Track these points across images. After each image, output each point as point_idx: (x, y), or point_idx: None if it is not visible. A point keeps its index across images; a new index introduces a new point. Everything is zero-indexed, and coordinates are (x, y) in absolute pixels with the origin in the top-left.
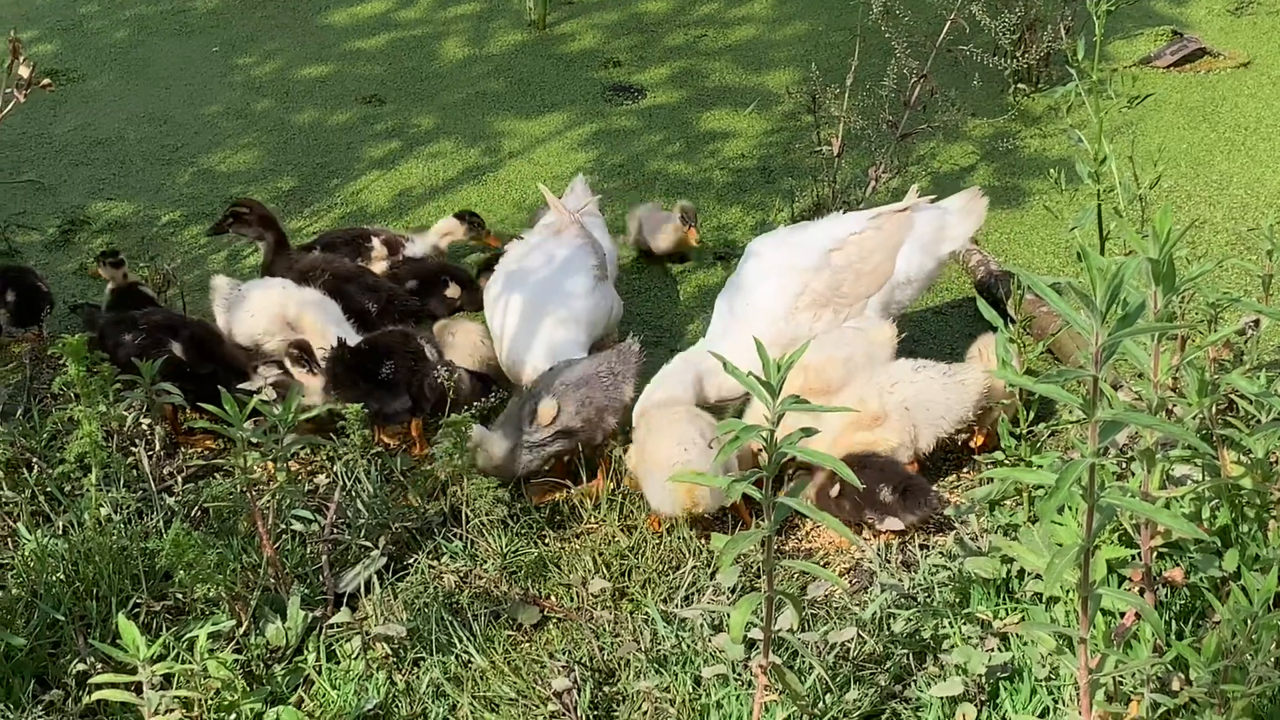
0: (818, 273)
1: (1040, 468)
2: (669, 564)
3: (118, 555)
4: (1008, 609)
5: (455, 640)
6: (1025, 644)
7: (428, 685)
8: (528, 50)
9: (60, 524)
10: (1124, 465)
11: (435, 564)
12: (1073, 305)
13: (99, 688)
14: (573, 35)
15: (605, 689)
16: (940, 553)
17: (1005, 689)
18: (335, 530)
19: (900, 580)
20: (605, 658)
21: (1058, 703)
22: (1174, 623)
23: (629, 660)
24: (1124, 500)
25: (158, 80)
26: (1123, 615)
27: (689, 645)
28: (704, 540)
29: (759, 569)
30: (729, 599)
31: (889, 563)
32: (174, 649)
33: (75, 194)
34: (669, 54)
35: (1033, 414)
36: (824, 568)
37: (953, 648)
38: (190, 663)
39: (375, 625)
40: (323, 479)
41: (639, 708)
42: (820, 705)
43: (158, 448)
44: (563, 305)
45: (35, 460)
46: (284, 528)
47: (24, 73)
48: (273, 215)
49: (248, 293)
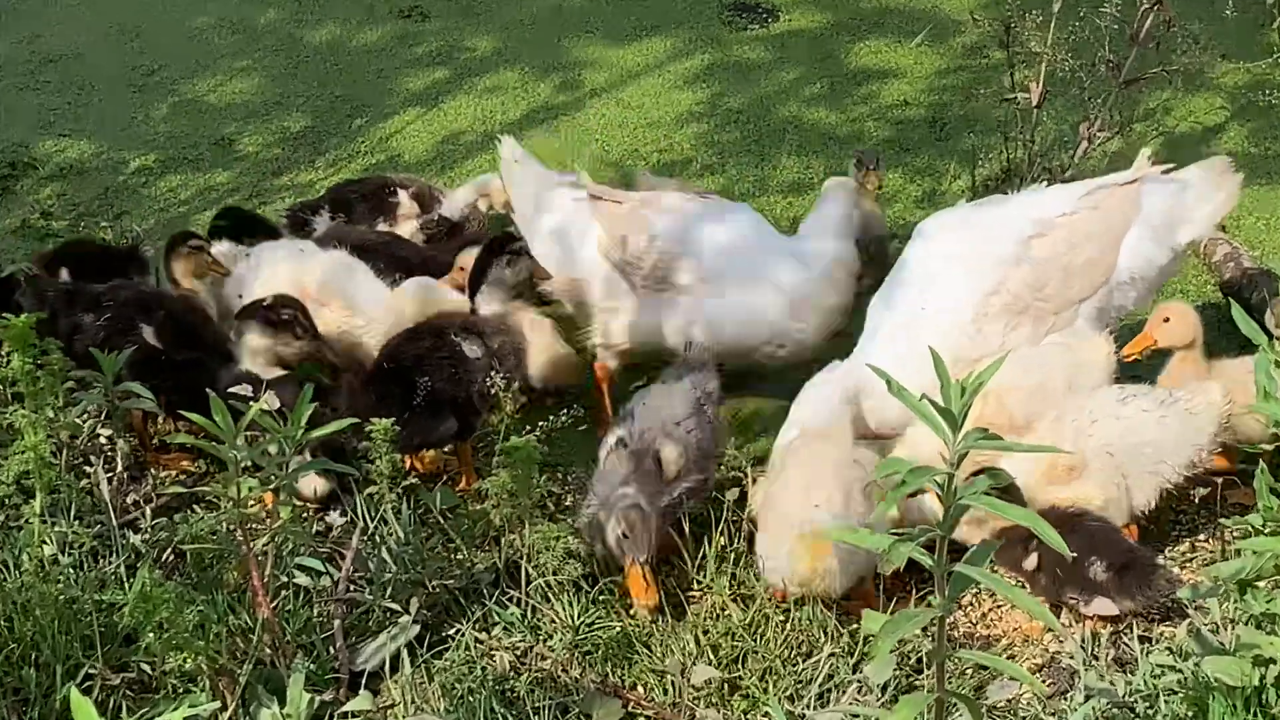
0: (1015, 267)
1: None
2: (797, 649)
3: (65, 609)
4: None
5: None
6: None
7: None
8: None
9: None
10: None
11: (484, 637)
12: None
13: None
14: None
15: None
16: (1167, 648)
17: None
18: (353, 587)
19: (1112, 683)
20: None
21: None
22: None
23: None
24: None
25: None
26: None
27: None
28: (846, 619)
29: (921, 660)
30: (880, 700)
31: (1096, 659)
32: None
33: (18, 128)
34: None
35: None
36: (1010, 661)
37: None
38: None
39: (404, 716)
40: (337, 517)
41: None
42: None
43: (121, 468)
44: None
45: None
46: (285, 580)
47: None
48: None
49: (257, 258)
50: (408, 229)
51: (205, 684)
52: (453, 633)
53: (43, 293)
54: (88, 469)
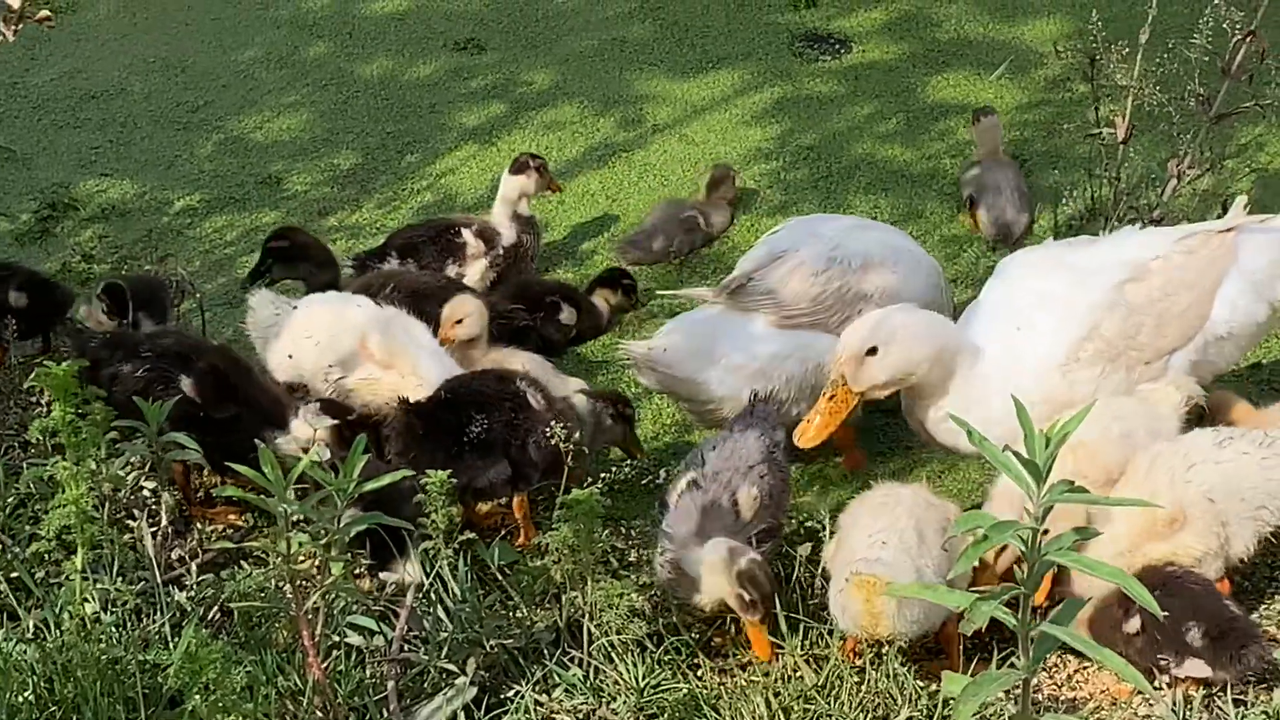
0: (1109, 311)
1: None
2: (874, 712)
3: (108, 670)
4: None
5: None
6: None
7: None
8: None
9: (30, 623)
10: None
11: (545, 699)
12: None
13: None
14: None
15: None
16: (1264, 712)
17: None
18: (407, 647)
19: None
20: None
21: None
22: None
23: None
24: None
25: (173, 12)
26: None
27: None
28: (925, 680)
29: None
30: None
31: None
32: None
33: (59, 167)
34: None
35: None
36: None
37: None
38: None
39: None
40: (392, 575)
41: None
42: None
43: (165, 522)
44: None
45: None
46: (337, 640)
47: (13, 1)
48: (326, 247)
49: (298, 312)
50: (477, 268)
51: None
52: (511, 695)
53: (82, 341)
54: (131, 523)
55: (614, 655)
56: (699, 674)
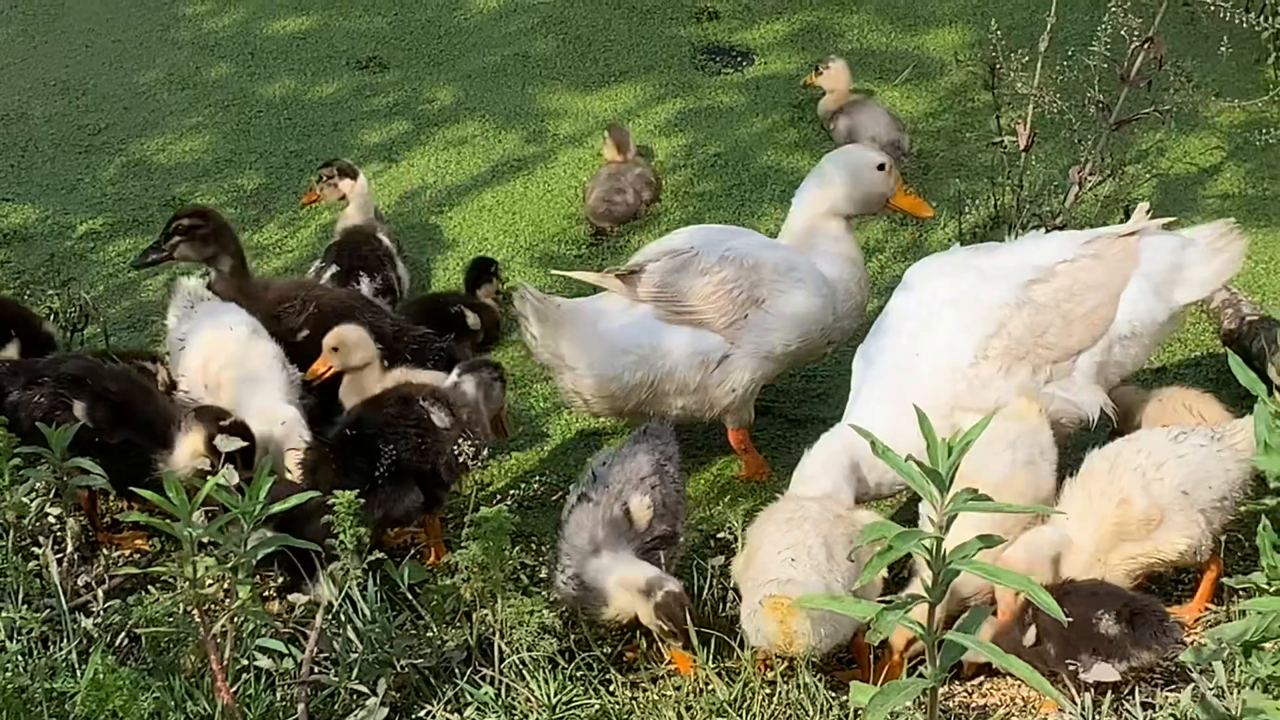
0: (1016, 310)
1: None
2: None
3: (14, 699)
4: None
5: None
6: None
7: None
8: None
9: None
10: None
11: (456, 718)
12: None
13: None
14: None
15: None
16: (1171, 715)
17: None
18: (317, 668)
19: None
20: None
21: None
22: None
23: None
24: None
25: (74, 35)
26: None
27: None
28: (838, 691)
29: None
30: None
31: None
32: None
33: None
34: (785, 3)
35: None
36: None
37: None
38: None
39: None
40: (300, 596)
41: None
42: None
43: (71, 548)
44: None
45: None
46: (246, 664)
47: None
48: (232, 228)
49: (200, 323)
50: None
51: None
52: (423, 715)
53: None
54: (36, 550)
55: (525, 672)
56: (611, 689)
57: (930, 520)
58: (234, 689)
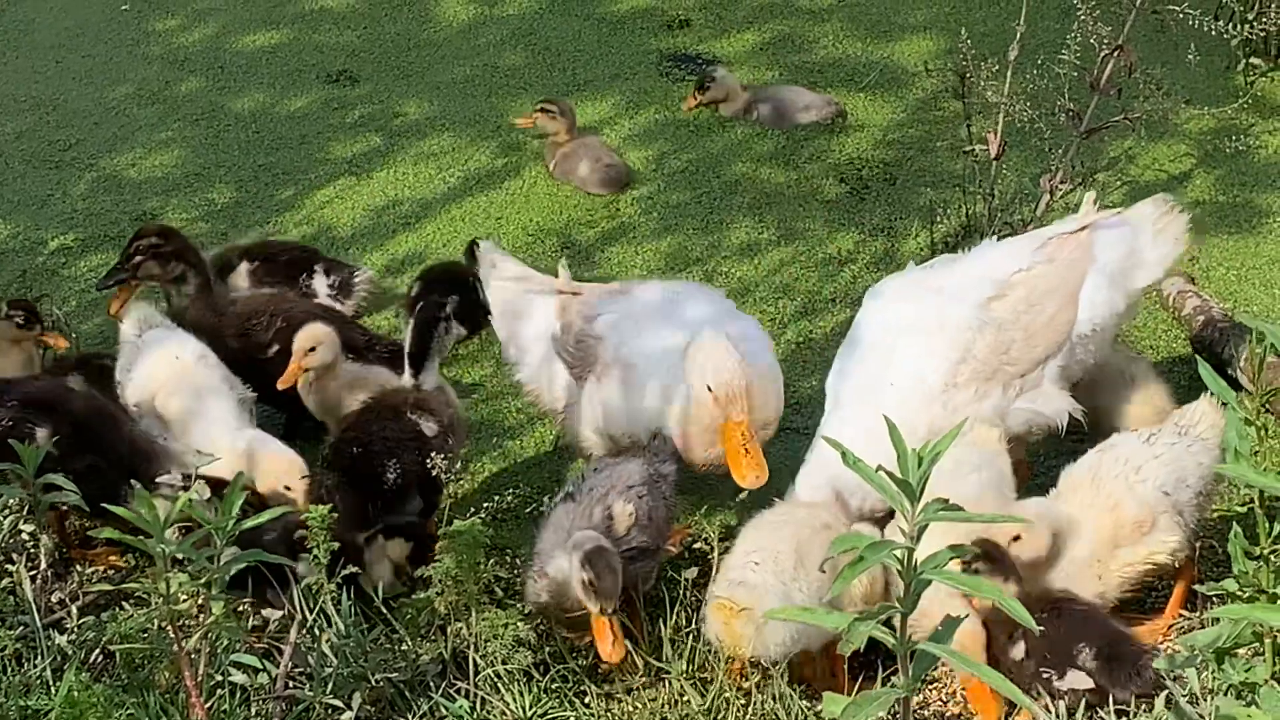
0: (979, 332)
1: None
2: None
3: None
4: None
5: None
6: None
7: None
8: (557, 8)
9: None
10: None
11: None
12: None
13: None
14: None
15: None
16: None
17: None
18: (292, 683)
19: None
20: None
21: None
22: None
23: None
24: None
25: (44, 51)
26: None
27: None
28: (812, 701)
29: None
30: None
31: None
32: None
33: None
34: (757, 12)
35: (1279, 528)
36: None
37: None
38: None
39: None
40: (275, 612)
41: None
42: None
43: (44, 565)
44: None
45: None
46: (221, 679)
47: None
48: (195, 246)
49: (147, 347)
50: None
51: None
52: None
53: None
54: (9, 567)
55: (500, 685)
56: (585, 701)
57: (901, 531)
58: (209, 705)
